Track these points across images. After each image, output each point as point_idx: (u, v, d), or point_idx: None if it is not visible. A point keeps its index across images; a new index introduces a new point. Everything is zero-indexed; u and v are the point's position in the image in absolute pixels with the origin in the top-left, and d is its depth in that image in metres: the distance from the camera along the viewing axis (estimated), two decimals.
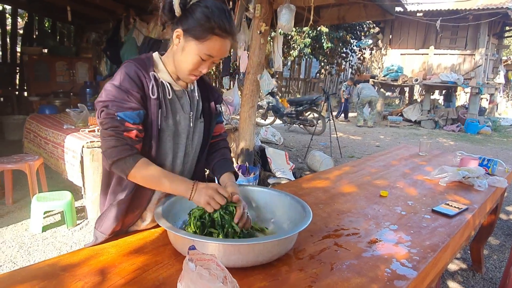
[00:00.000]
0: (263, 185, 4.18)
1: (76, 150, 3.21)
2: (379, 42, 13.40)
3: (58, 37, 9.51)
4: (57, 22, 9.42)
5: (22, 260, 2.67)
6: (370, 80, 12.52)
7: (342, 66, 15.31)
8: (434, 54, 12.04)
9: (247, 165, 4.16)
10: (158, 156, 1.21)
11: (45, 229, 3.16)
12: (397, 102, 17.43)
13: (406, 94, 15.14)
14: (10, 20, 8.96)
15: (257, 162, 4.63)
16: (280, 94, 13.48)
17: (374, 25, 13.46)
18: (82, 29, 8.91)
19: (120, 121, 1.09)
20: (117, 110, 1.09)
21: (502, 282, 2.32)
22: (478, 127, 10.26)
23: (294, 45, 11.95)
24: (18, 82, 8.61)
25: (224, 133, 1.48)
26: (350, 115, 12.71)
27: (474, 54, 11.40)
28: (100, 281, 0.97)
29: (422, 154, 2.86)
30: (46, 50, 8.05)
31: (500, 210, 2.58)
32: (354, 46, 13.90)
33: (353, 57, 14.67)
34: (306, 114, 8.98)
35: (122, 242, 1.19)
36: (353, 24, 12.57)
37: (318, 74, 15.88)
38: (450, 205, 1.69)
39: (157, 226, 1.30)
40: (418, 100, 14.34)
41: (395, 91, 16.81)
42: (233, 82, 9.17)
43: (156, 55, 1.22)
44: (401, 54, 12.64)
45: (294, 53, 12.10)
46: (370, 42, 13.67)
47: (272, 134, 7.48)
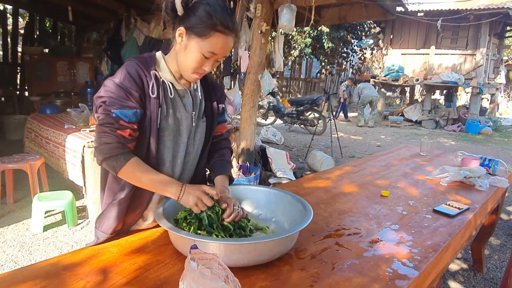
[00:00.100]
0: (264, 185, 4.18)
1: (77, 150, 3.22)
2: (380, 42, 13.38)
3: (59, 37, 9.53)
4: (58, 22, 9.43)
5: (23, 259, 2.67)
6: (371, 80, 12.51)
7: (343, 66, 15.30)
8: (435, 54, 12.03)
9: (248, 165, 4.16)
10: (157, 155, 1.21)
11: (46, 228, 3.16)
12: (398, 102, 17.41)
13: (407, 94, 15.12)
14: (11, 20, 8.96)
15: (258, 162, 4.63)
16: (281, 94, 13.48)
17: (375, 25, 13.45)
18: (83, 29, 8.92)
19: (115, 118, 1.09)
20: (113, 107, 1.09)
21: (503, 282, 2.31)
22: (479, 127, 10.24)
23: (295, 45, 11.94)
24: (19, 82, 8.63)
25: (226, 132, 1.48)
26: (351, 115, 12.70)
27: (475, 54, 11.38)
28: (101, 280, 0.97)
29: (423, 154, 2.86)
30: (47, 50, 8.07)
31: (501, 210, 2.58)
32: (355, 46, 13.88)
33: (354, 57, 14.65)
34: (307, 114, 8.98)
35: (124, 241, 1.19)
36: (354, 24, 12.56)
37: (318, 74, 15.88)
38: (451, 205, 1.69)
39: (159, 225, 1.30)
40: (419, 100, 14.33)
41: (396, 91, 16.78)
42: (234, 82, 9.16)
43: (159, 54, 1.23)
44: (402, 54, 12.62)
45: (295, 53, 12.09)
46: (371, 42, 13.65)
47: (272, 134, 7.48)
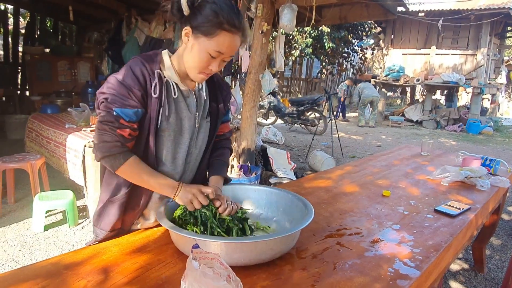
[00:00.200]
0: (265, 184, 4.18)
1: (78, 149, 3.22)
2: (381, 42, 13.37)
3: (60, 36, 9.54)
4: (59, 22, 9.44)
5: (24, 259, 2.67)
6: (372, 80, 12.50)
7: (344, 66, 15.30)
8: (436, 54, 12.01)
9: (249, 164, 4.16)
10: (157, 155, 1.21)
11: (47, 228, 3.16)
12: (398, 102, 17.40)
13: (408, 94, 15.12)
14: (12, 19, 8.97)
15: (258, 162, 4.63)
16: (281, 94, 13.48)
17: (376, 25, 13.43)
18: (84, 28, 8.93)
19: (115, 116, 1.09)
20: (115, 105, 1.09)
21: (504, 282, 2.31)
22: (480, 127, 10.23)
23: (295, 45, 11.94)
24: (20, 81, 8.63)
25: (228, 132, 1.47)
26: (351, 115, 12.69)
27: (476, 54, 11.37)
28: (103, 279, 0.97)
29: (424, 154, 2.86)
30: (48, 50, 8.08)
31: (502, 210, 2.57)
32: (355, 46, 13.89)
33: (354, 57, 14.65)
34: (308, 114, 8.97)
35: (125, 241, 1.19)
36: (354, 24, 12.55)
37: (319, 74, 15.87)
38: (453, 205, 1.68)
39: (160, 225, 1.30)
40: (420, 100, 14.32)
41: (397, 91, 16.78)
42: (234, 82, 9.16)
43: (165, 53, 1.20)
44: (402, 54, 12.61)
45: (296, 53, 12.09)
46: (372, 42, 13.65)
47: (273, 134, 7.47)
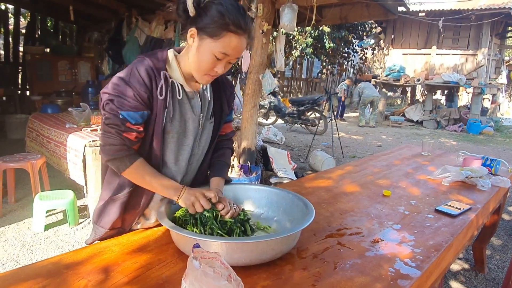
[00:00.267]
0: (265, 184, 4.18)
1: (78, 149, 3.22)
2: (381, 42, 13.36)
3: (60, 36, 9.55)
4: (59, 22, 9.45)
5: (24, 258, 2.67)
6: (372, 80, 12.49)
7: (344, 66, 15.30)
8: (436, 54, 12.01)
9: (249, 164, 4.16)
10: (161, 156, 1.20)
11: (47, 227, 3.17)
12: (399, 102, 17.39)
13: (408, 94, 15.11)
14: (12, 19, 8.97)
15: (259, 162, 4.63)
16: (282, 94, 13.46)
17: (376, 25, 13.43)
18: (84, 28, 8.94)
19: (122, 120, 1.08)
20: (121, 108, 1.08)
21: (505, 282, 2.31)
22: (480, 127, 10.22)
23: (296, 45, 11.94)
24: (20, 81, 8.64)
25: (230, 133, 1.46)
26: (351, 115, 12.68)
27: (477, 54, 11.36)
28: (103, 279, 0.97)
29: (425, 154, 2.85)
30: (49, 50, 8.09)
31: (503, 210, 2.57)
32: (356, 46, 13.88)
33: (355, 57, 14.65)
34: (308, 114, 8.97)
35: (125, 240, 1.19)
36: (355, 24, 12.55)
37: (320, 74, 15.86)
38: (453, 205, 1.68)
39: (161, 224, 1.30)
40: (420, 100, 14.31)
41: (397, 91, 16.77)
42: (235, 82, 9.17)
43: (171, 54, 1.19)
44: (403, 54, 12.61)
45: (296, 53, 12.09)
46: (372, 42, 13.63)
47: (274, 134, 7.47)
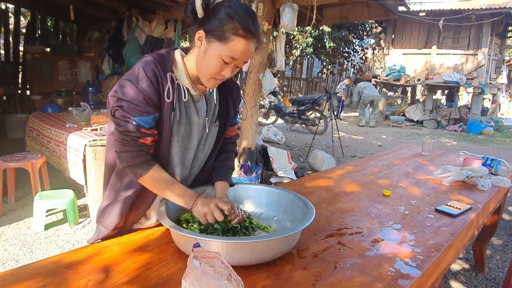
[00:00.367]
0: (266, 184, 4.18)
1: (78, 149, 3.22)
2: (382, 41, 13.37)
3: (60, 36, 9.55)
4: (59, 21, 9.45)
5: (24, 258, 2.67)
6: (372, 79, 12.49)
7: (344, 66, 15.30)
8: (437, 54, 12.00)
9: (249, 164, 4.16)
10: (166, 159, 1.19)
11: (47, 227, 3.17)
12: (399, 102, 17.39)
13: (408, 94, 15.10)
14: (13, 19, 8.97)
15: (259, 161, 4.63)
16: (282, 94, 13.47)
17: (377, 24, 13.43)
18: (85, 28, 8.94)
19: (136, 126, 1.06)
20: (133, 114, 1.05)
21: (505, 282, 2.31)
22: (481, 127, 10.22)
23: (296, 44, 11.94)
24: (20, 80, 8.65)
25: (235, 135, 1.43)
26: (351, 115, 12.67)
27: (477, 54, 11.36)
28: (103, 278, 0.97)
29: (425, 153, 2.85)
30: (49, 49, 8.09)
31: (503, 210, 2.57)
32: (356, 46, 13.89)
33: (355, 56, 14.65)
34: (308, 113, 8.97)
35: (125, 240, 1.19)
36: (355, 23, 12.55)
37: (320, 74, 15.87)
38: (454, 205, 1.68)
39: (161, 224, 1.29)
40: (420, 100, 14.31)
41: (397, 91, 16.77)
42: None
43: (178, 55, 1.16)
44: (403, 54, 12.60)
45: (296, 52, 12.09)
46: (373, 41, 13.64)
47: (274, 134, 7.47)
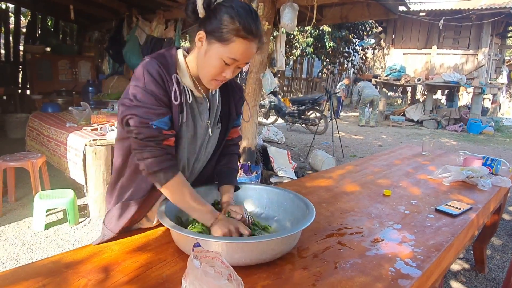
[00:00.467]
0: (266, 184, 4.18)
1: (78, 148, 3.22)
2: (382, 41, 13.35)
3: (61, 35, 9.54)
4: (60, 21, 9.44)
5: (24, 257, 2.67)
6: (373, 79, 12.48)
7: (345, 66, 15.30)
8: (437, 54, 11.99)
9: (249, 164, 4.16)
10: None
11: (47, 227, 3.16)
12: (399, 102, 17.39)
13: (409, 94, 15.10)
14: (13, 18, 8.97)
15: (259, 161, 4.63)
16: (282, 94, 13.47)
17: (377, 24, 13.42)
18: (85, 27, 8.94)
19: (157, 129, 1.04)
20: (151, 119, 1.04)
21: (505, 282, 2.31)
22: (481, 127, 10.22)
23: (296, 44, 11.94)
24: (21, 80, 8.64)
25: (237, 137, 1.41)
26: (351, 115, 12.67)
27: (477, 54, 11.35)
28: (103, 278, 0.97)
29: (425, 153, 2.85)
30: (49, 49, 8.08)
31: (503, 210, 2.57)
32: (356, 46, 13.88)
33: (355, 56, 14.65)
34: (308, 113, 8.97)
35: (126, 239, 1.19)
36: (355, 23, 12.55)
37: (320, 74, 15.86)
38: (454, 205, 1.68)
39: (161, 224, 1.29)
40: (421, 100, 14.31)
41: (398, 91, 16.77)
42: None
43: (180, 55, 1.14)
44: (403, 54, 12.59)
45: (297, 52, 12.09)
46: (373, 41, 13.63)
47: (274, 133, 7.47)
